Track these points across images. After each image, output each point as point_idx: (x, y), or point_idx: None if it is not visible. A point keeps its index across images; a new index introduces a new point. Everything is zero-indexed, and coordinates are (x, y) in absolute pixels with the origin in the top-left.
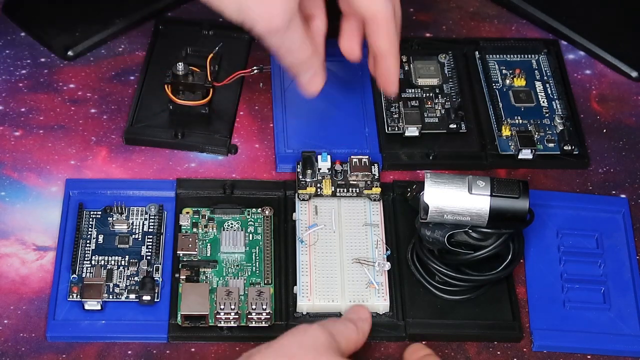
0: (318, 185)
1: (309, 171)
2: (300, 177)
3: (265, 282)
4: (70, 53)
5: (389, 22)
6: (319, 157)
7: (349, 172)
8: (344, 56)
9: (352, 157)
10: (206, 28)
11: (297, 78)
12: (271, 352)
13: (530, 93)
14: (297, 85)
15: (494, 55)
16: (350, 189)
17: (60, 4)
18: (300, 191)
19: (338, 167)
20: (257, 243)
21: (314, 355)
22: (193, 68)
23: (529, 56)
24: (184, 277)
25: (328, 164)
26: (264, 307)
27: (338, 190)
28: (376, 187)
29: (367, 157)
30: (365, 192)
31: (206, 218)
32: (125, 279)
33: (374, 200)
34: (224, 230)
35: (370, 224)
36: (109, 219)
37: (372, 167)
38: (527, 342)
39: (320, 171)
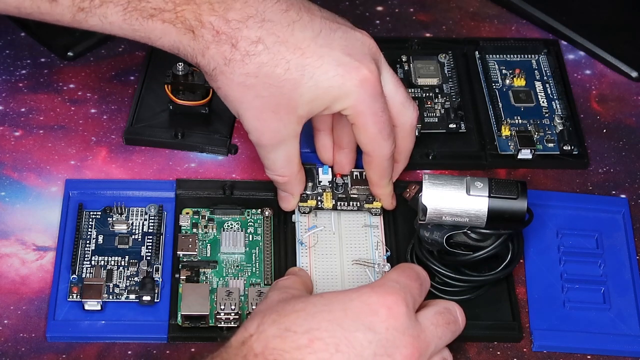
0: (319, 198)
1: (309, 184)
2: None
3: (266, 282)
4: (70, 53)
5: (382, 161)
6: (320, 169)
7: (349, 186)
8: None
9: (353, 170)
10: None
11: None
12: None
13: (530, 93)
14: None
15: (494, 55)
16: (351, 202)
17: None
18: (300, 204)
19: (339, 180)
20: (257, 244)
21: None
22: (193, 68)
23: (529, 56)
24: (184, 277)
25: (329, 176)
26: None
27: (339, 203)
28: (377, 201)
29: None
30: (366, 206)
31: (206, 218)
32: (125, 279)
33: (375, 214)
34: (223, 230)
35: (369, 225)
36: (108, 219)
37: None
38: (527, 342)
39: (321, 184)
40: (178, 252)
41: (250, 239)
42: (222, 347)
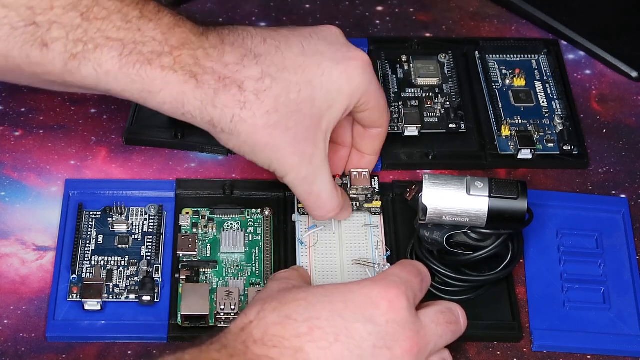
0: None
1: None
2: None
3: (266, 282)
4: None
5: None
6: None
7: (349, 186)
8: None
9: (351, 170)
10: None
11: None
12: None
13: (530, 93)
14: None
15: (494, 55)
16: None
17: None
18: (300, 204)
19: (338, 180)
20: (257, 243)
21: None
22: None
23: (529, 56)
24: (184, 277)
25: None
26: None
27: None
28: (376, 200)
29: (367, 170)
30: (366, 205)
31: (206, 218)
32: (125, 279)
33: (375, 213)
34: (223, 230)
35: (370, 225)
36: (108, 219)
37: (372, 180)
38: (527, 342)
39: None
40: (178, 252)
41: (250, 239)
42: (221, 332)
